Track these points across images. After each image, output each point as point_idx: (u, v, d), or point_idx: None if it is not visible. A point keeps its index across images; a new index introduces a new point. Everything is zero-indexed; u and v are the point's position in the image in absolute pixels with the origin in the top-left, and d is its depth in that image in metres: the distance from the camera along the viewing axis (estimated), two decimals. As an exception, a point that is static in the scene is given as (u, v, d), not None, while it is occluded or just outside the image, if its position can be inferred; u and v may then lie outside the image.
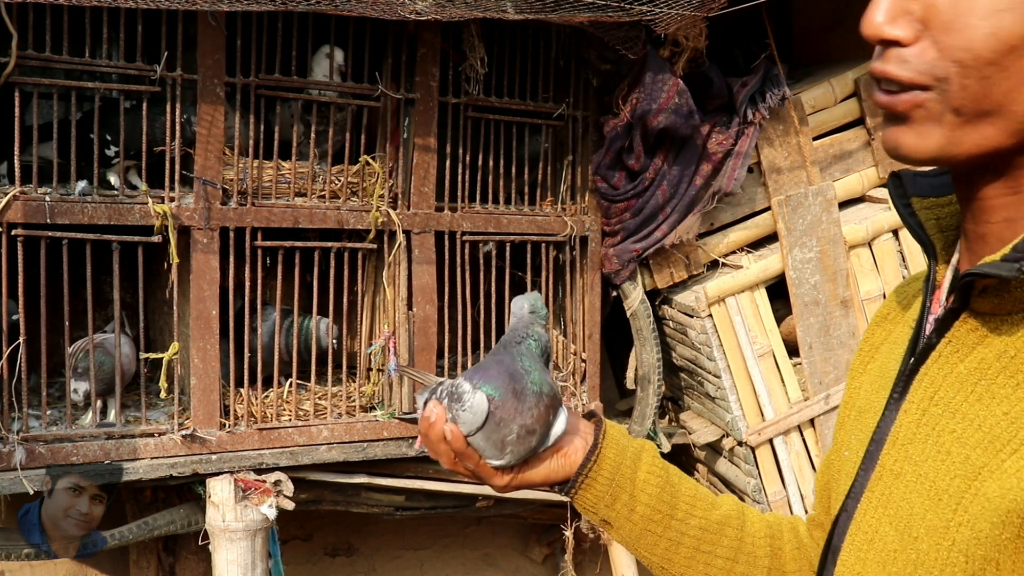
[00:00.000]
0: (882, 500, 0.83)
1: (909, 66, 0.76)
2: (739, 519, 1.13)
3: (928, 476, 0.78)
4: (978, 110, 0.74)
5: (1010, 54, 0.72)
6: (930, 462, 0.78)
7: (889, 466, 0.84)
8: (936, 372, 0.83)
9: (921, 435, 0.81)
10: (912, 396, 0.84)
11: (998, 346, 0.78)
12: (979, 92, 0.74)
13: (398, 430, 3.01)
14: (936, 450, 0.78)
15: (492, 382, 1.08)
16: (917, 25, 0.76)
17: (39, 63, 2.46)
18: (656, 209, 3.20)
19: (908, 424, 0.83)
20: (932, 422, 0.80)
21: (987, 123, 0.75)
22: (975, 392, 0.78)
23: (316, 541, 3.89)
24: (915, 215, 0.91)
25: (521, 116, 3.18)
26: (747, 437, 3.29)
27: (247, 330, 2.87)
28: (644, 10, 2.69)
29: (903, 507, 0.80)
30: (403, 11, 2.51)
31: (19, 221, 2.46)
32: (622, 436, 1.14)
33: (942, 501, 0.76)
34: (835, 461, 1.00)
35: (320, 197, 2.90)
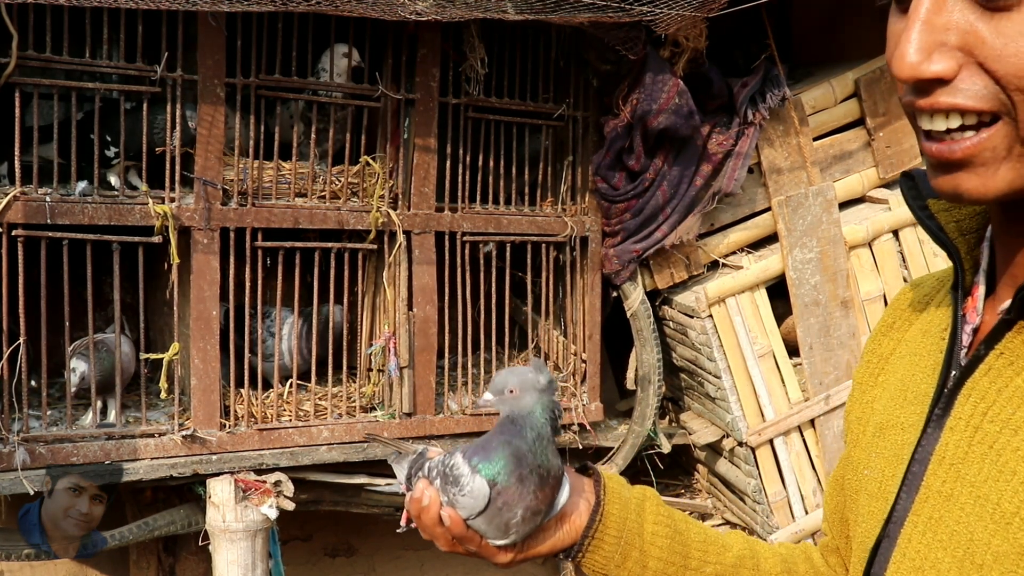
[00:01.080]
0: (931, 524, 0.77)
1: (969, 93, 0.69)
2: (753, 559, 1.09)
3: (990, 499, 0.72)
4: None
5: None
6: (991, 483, 0.72)
7: (937, 488, 0.78)
8: (987, 386, 0.76)
9: (976, 454, 0.75)
10: (959, 412, 0.78)
11: None
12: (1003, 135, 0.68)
13: (398, 430, 3.01)
14: (998, 470, 0.72)
15: (494, 464, 1.00)
16: (957, 54, 0.69)
17: (39, 64, 2.46)
18: (656, 210, 3.20)
19: (957, 442, 0.77)
20: (988, 440, 0.74)
21: None
22: None
23: (316, 541, 3.89)
24: (934, 217, 0.85)
25: (521, 116, 3.18)
26: (747, 437, 3.29)
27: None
28: (644, 11, 2.69)
29: (960, 532, 0.74)
30: (403, 11, 2.51)
31: (19, 221, 2.45)
32: (622, 487, 1.09)
33: (1012, 525, 0.70)
34: (852, 481, 0.95)
35: (320, 197, 2.90)
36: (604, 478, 1.09)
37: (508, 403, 1.05)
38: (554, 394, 1.05)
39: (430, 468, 1.07)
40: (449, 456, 1.06)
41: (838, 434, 3.42)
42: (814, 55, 3.95)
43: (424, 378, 3.04)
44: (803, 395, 3.38)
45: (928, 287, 0.97)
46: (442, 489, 1.03)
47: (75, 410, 2.66)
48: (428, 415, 3.05)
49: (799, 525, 3.38)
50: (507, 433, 1.02)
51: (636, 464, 3.56)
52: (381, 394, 3.07)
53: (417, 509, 1.04)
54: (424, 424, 3.04)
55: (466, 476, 1.01)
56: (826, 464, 3.41)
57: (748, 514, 3.46)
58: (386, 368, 3.00)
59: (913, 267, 3.48)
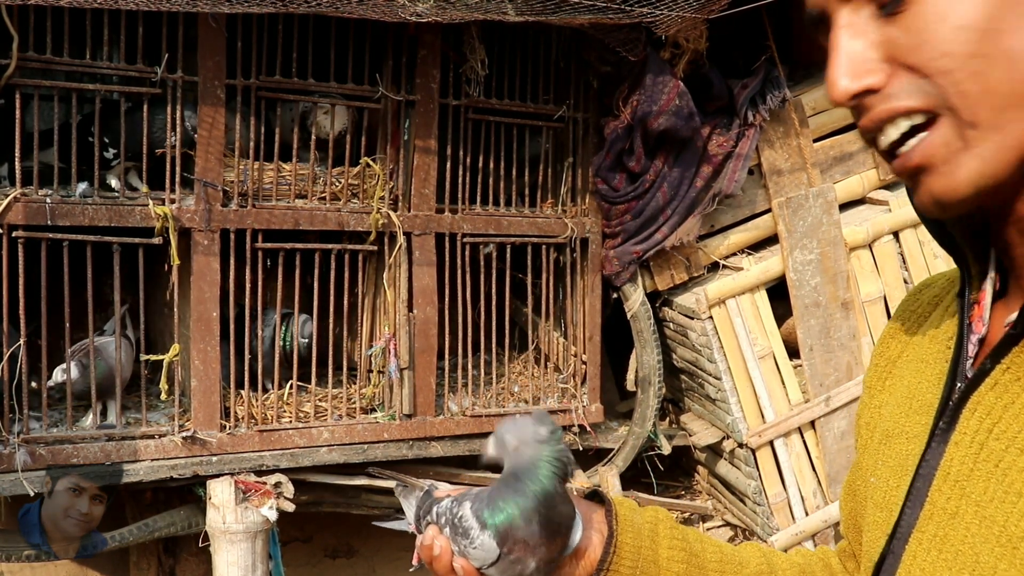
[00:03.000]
0: (936, 543, 0.76)
1: (901, 94, 0.69)
2: (770, 572, 1.07)
3: (996, 520, 0.70)
4: (993, 110, 0.67)
5: (984, 40, 0.66)
6: (996, 504, 0.71)
7: (942, 504, 0.76)
8: (993, 401, 0.74)
9: (981, 472, 0.73)
10: (964, 427, 0.76)
11: None
12: (981, 91, 0.67)
13: (398, 432, 3.01)
14: (1004, 490, 0.70)
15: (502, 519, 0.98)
16: (883, 66, 0.70)
17: (40, 65, 2.46)
18: (656, 211, 3.20)
19: (962, 459, 0.75)
20: (994, 458, 0.72)
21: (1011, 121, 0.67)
22: None
23: (316, 543, 3.89)
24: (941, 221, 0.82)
25: (521, 118, 3.18)
26: (748, 439, 3.29)
27: (247, 333, 2.87)
28: (645, 12, 2.69)
29: (965, 552, 0.72)
30: (404, 13, 2.51)
31: (20, 223, 2.46)
32: (633, 514, 1.07)
33: (1019, 549, 0.68)
34: (861, 488, 0.94)
35: (321, 199, 2.90)
36: (615, 507, 1.06)
37: (511, 457, 1.02)
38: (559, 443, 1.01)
39: (439, 514, 1.05)
40: (457, 505, 1.04)
41: (838, 435, 3.42)
42: (814, 56, 3.95)
43: (424, 379, 3.04)
44: (803, 396, 3.38)
45: (938, 288, 0.94)
46: (452, 539, 1.02)
47: (75, 411, 2.66)
48: (428, 416, 3.05)
49: (799, 526, 3.38)
50: (511, 488, 1.00)
51: (636, 465, 3.56)
52: (381, 395, 3.07)
53: (428, 556, 1.03)
54: (424, 425, 3.04)
55: (475, 530, 0.99)
56: (826, 466, 3.41)
57: (748, 515, 3.46)
58: (386, 369, 3.00)
59: (913, 268, 3.48)
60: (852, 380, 3.41)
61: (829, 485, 3.42)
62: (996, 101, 0.66)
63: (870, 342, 3.42)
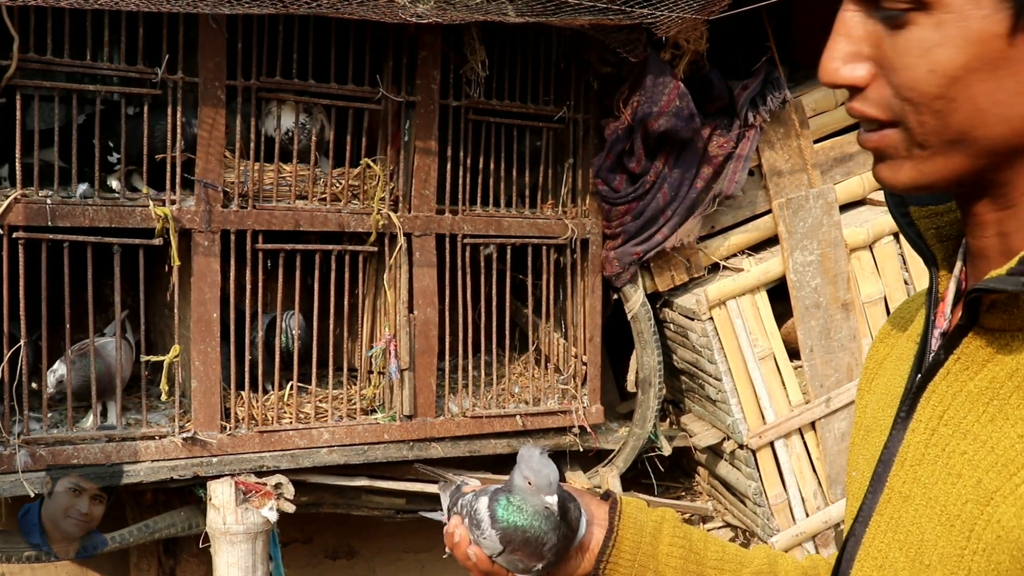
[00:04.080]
0: (891, 524, 0.80)
1: (872, 103, 0.78)
2: (771, 573, 1.11)
3: (939, 500, 0.75)
4: (942, 141, 0.75)
5: (953, 86, 0.73)
6: (940, 485, 0.76)
7: (898, 488, 0.81)
8: (945, 390, 0.80)
9: (930, 456, 0.78)
10: (920, 415, 0.81)
11: (1010, 364, 0.76)
12: (937, 126, 0.75)
13: (399, 433, 3.01)
14: (947, 472, 0.76)
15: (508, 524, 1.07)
16: (870, 66, 0.77)
17: (40, 66, 2.46)
18: (657, 212, 3.20)
19: (916, 444, 0.80)
20: (942, 443, 0.77)
21: (955, 152, 0.75)
22: (987, 412, 0.75)
23: (317, 544, 3.89)
24: (913, 224, 0.88)
25: (522, 119, 3.18)
26: (748, 440, 3.29)
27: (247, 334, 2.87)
28: (645, 13, 2.69)
29: (913, 532, 0.77)
30: (404, 14, 2.51)
31: (20, 224, 2.46)
32: (640, 512, 1.13)
33: (955, 528, 0.73)
34: (846, 484, 0.97)
35: (321, 200, 2.90)
36: (621, 505, 1.13)
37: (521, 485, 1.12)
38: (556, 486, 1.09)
39: (461, 505, 1.14)
40: (475, 499, 1.13)
41: (839, 436, 3.41)
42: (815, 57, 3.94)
43: (425, 380, 3.04)
44: (804, 397, 3.38)
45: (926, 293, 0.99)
46: (469, 529, 1.10)
47: (76, 412, 2.66)
48: (429, 417, 3.05)
49: (800, 528, 3.38)
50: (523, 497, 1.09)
51: (637, 467, 3.56)
52: (382, 396, 3.07)
53: (450, 543, 1.12)
54: (424, 427, 3.04)
55: (486, 523, 1.08)
56: (827, 467, 3.41)
57: (749, 517, 3.46)
58: (387, 370, 3.00)
59: (914, 270, 3.48)
60: (852, 381, 3.41)
61: (829, 486, 3.42)
62: (947, 136, 0.75)
63: (870, 343, 3.42)
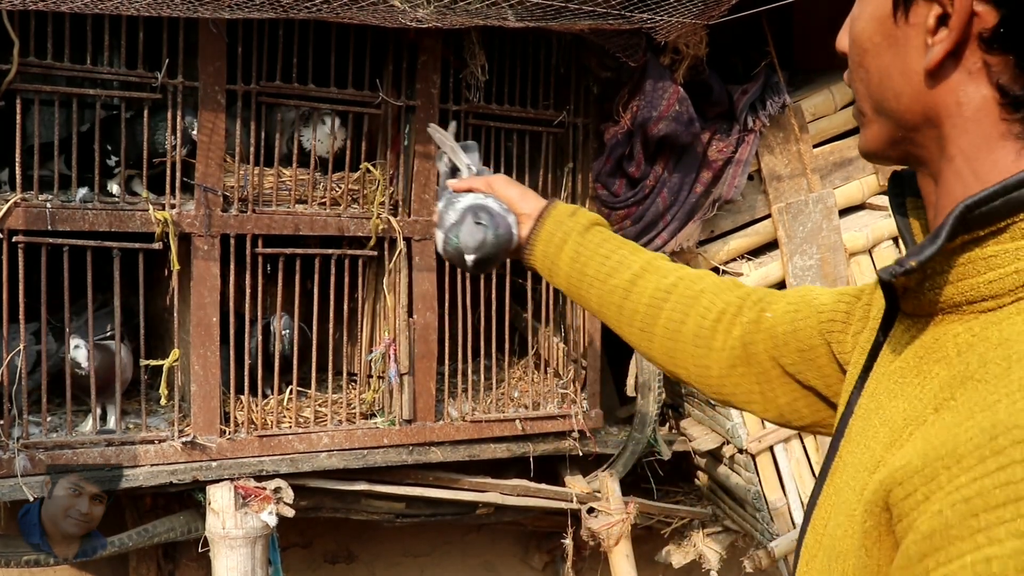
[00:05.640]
0: (834, 487, 0.88)
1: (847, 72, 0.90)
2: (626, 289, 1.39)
3: (855, 467, 0.83)
4: (871, 109, 0.86)
5: (865, 56, 0.84)
6: (859, 454, 0.84)
7: (843, 456, 0.88)
8: (879, 369, 0.88)
9: (861, 429, 0.86)
10: (865, 391, 0.89)
11: (916, 347, 0.82)
12: (863, 93, 0.86)
13: (398, 437, 3.00)
14: (863, 444, 0.83)
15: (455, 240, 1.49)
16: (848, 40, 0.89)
17: (40, 70, 2.46)
18: (656, 216, 3.21)
19: (858, 417, 0.88)
20: (867, 416, 0.86)
21: (882, 119, 0.85)
22: (893, 390, 0.83)
23: (316, 548, 3.88)
24: (907, 215, 0.93)
25: (522, 123, 3.18)
26: (747, 444, 3.29)
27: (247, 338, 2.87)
28: (644, 18, 2.70)
29: (842, 494, 0.84)
30: (404, 18, 2.51)
31: (20, 228, 2.46)
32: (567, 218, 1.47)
33: (854, 491, 0.80)
34: None
35: (321, 204, 2.90)
36: (550, 211, 1.49)
37: None
38: None
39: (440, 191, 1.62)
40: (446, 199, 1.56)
41: (838, 441, 3.41)
42: (814, 62, 3.96)
43: (424, 385, 3.04)
44: (803, 402, 3.37)
45: None
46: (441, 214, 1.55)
47: (75, 416, 2.66)
48: (428, 422, 3.05)
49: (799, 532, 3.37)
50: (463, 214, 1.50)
51: (636, 471, 3.55)
52: (381, 401, 3.07)
53: None
54: (424, 431, 3.04)
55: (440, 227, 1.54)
56: (826, 471, 3.40)
57: (748, 521, 3.46)
58: (386, 375, 3.00)
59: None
60: (852, 385, 3.41)
61: (829, 491, 3.41)
62: (871, 104, 0.86)
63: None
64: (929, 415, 0.74)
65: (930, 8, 0.76)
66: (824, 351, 1.16)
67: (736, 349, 1.28)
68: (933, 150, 0.81)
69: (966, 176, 0.78)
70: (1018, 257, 0.74)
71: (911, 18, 0.78)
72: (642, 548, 3.64)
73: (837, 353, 1.14)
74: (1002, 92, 0.75)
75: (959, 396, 0.72)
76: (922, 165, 0.84)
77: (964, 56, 0.76)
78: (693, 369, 1.33)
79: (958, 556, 0.64)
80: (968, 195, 0.75)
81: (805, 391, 1.22)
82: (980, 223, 0.74)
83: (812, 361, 1.18)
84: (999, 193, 0.73)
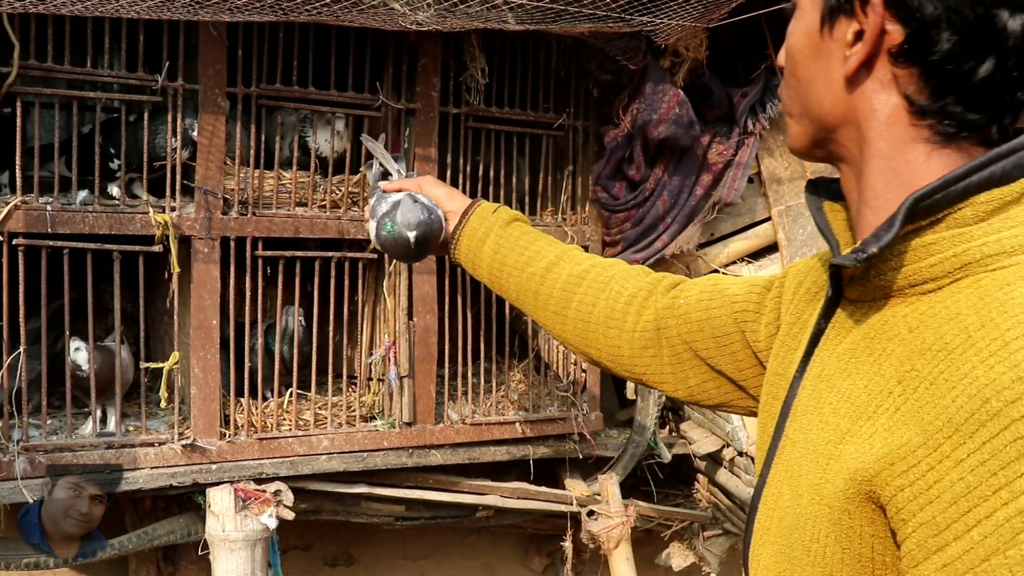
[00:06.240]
0: (784, 465, 0.96)
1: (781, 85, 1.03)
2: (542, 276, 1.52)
3: (812, 442, 0.91)
4: (797, 112, 0.97)
5: (796, 67, 0.95)
6: (814, 430, 0.91)
7: (791, 435, 0.96)
8: (824, 353, 0.96)
9: (810, 407, 0.93)
10: (808, 373, 0.97)
11: (864, 329, 0.90)
12: (790, 97, 0.98)
13: (398, 440, 3.00)
14: (820, 420, 0.90)
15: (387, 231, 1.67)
16: None
17: (41, 73, 2.46)
18: (656, 219, 3.21)
19: (804, 398, 0.96)
20: (818, 395, 0.93)
21: (805, 121, 0.96)
22: (846, 369, 0.90)
23: (316, 551, 3.88)
24: (824, 217, 1.01)
25: (522, 126, 3.18)
26: (747, 447, 3.29)
27: (247, 341, 2.87)
28: (644, 21, 2.70)
29: (795, 469, 0.93)
30: (404, 21, 2.51)
31: (20, 230, 2.46)
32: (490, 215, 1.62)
33: (818, 463, 0.88)
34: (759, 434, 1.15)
35: (321, 207, 2.90)
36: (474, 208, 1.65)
37: None
38: None
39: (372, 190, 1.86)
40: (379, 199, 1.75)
41: (838, 444, 3.41)
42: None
43: (424, 387, 3.04)
44: (803, 405, 3.37)
45: None
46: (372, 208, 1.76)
47: (75, 419, 2.66)
48: (428, 424, 3.05)
49: (799, 535, 3.37)
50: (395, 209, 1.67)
51: (636, 474, 3.55)
52: (381, 403, 3.07)
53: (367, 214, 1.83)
54: (424, 433, 3.04)
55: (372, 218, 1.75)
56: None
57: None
58: (386, 377, 3.00)
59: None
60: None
61: (829, 493, 3.41)
62: (797, 109, 0.97)
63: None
64: (894, 387, 0.82)
65: (850, 24, 0.87)
66: (739, 338, 1.25)
67: (648, 332, 1.37)
68: (854, 150, 0.92)
69: (886, 173, 0.89)
70: (955, 243, 0.83)
71: (835, 33, 0.89)
72: (642, 551, 3.64)
73: (751, 341, 1.24)
74: (909, 101, 0.86)
75: (920, 366, 0.80)
76: (845, 163, 0.95)
77: (876, 68, 0.87)
78: (605, 350, 1.43)
79: (988, 515, 0.71)
80: (888, 191, 0.89)
81: (716, 374, 1.32)
82: (923, 214, 0.84)
83: (727, 347, 1.27)
84: (941, 187, 0.83)
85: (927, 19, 0.81)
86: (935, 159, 0.86)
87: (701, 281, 1.36)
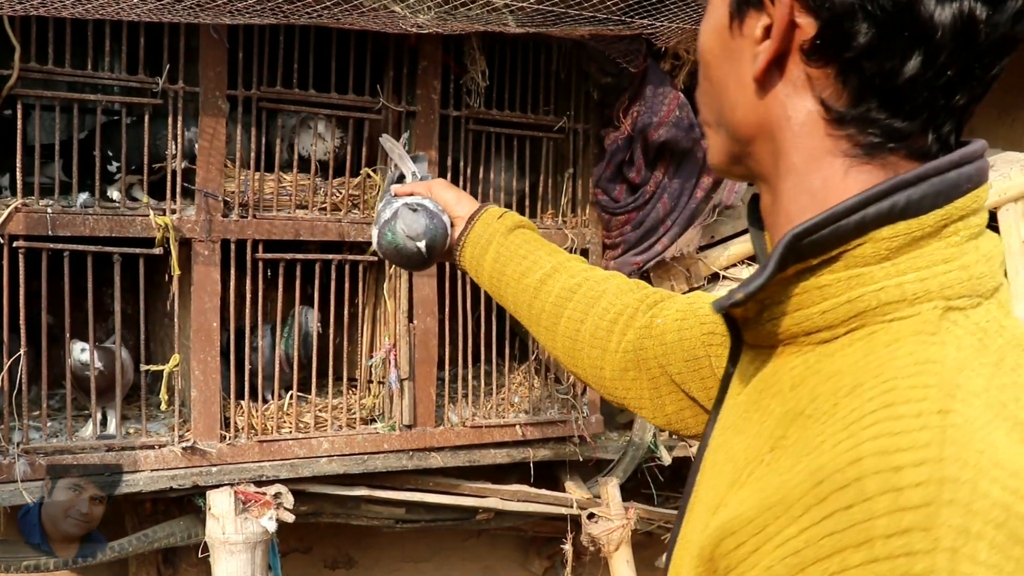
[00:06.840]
0: (690, 528, 0.84)
1: None
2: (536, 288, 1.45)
3: (704, 504, 0.79)
4: (713, 120, 0.84)
5: (708, 67, 0.83)
6: (705, 492, 0.81)
7: (698, 494, 0.85)
8: (728, 402, 0.86)
9: (711, 464, 0.83)
10: (717, 425, 0.86)
11: (758, 379, 0.79)
12: (704, 103, 0.86)
13: (398, 443, 3.00)
14: (712, 482, 0.80)
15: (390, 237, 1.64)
16: None
17: (41, 75, 2.46)
18: (657, 222, 3.21)
19: (710, 451, 0.85)
20: (716, 452, 0.83)
21: (722, 131, 0.83)
22: (737, 425, 0.80)
23: (316, 553, 3.88)
24: (764, 242, 0.89)
25: (522, 129, 3.18)
26: (748, 450, 3.28)
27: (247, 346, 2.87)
28: (645, 24, 2.70)
29: (694, 529, 0.81)
30: (405, 24, 2.52)
31: (21, 233, 2.46)
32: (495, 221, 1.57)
33: (698, 530, 0.77)
34: None
35: (321, 209, 2.90)
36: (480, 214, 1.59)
37: None
38: None
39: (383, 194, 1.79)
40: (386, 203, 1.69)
41: (839, 447, 3.40)
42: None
43: (424, 390, 3.04)
44: (804, 407, 3.37)
45: None
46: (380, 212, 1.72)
47: (75, 421, 2.66)
48: (428, 427, 3.05)
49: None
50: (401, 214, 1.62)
51: (636, 476, 3.55)
52: (381, 406, 3.06)
53: None
54: (424, 436, 3.04)
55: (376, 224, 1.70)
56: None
57: (749, 527, 3.45)
58: (386, 380, 3.00)
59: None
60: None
61: (830, 496, 3.41)
62: (712, 117, 0.84)
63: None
64: (765, 454, 0.72)
65: (759, 19, 0.75)
66: (707, 363, 1.14)
67: (629, 353, 1.26)
68: (770, 165, 0.79)
69: (799, 195, 0.76)
70: (850, 287, 0.71)
71: (744, 29, 0.77)
72: (642, 554, 3.63)
73: (716, 368, 1.12)
74: (825, 107, 0.74)
75: (791, 434, 0.70)
76: (763, 181, 0.82)
77: (788, 68, 0.75)
78: (589, 370, 1.34)
79: None
80: (802, 215, 0.74)
81: (691, 401, 1.20)
82: (812, 252, 0.72)
83: (696, 372, 1.15)
84: (826, 221, 0.70)
85: (840, 8, 0.69)
86: (853, 177, 0.73)
87: (681, 299, 1.27)
